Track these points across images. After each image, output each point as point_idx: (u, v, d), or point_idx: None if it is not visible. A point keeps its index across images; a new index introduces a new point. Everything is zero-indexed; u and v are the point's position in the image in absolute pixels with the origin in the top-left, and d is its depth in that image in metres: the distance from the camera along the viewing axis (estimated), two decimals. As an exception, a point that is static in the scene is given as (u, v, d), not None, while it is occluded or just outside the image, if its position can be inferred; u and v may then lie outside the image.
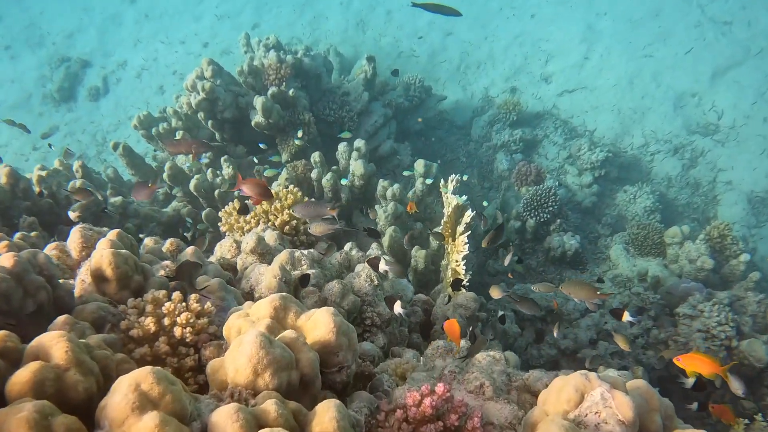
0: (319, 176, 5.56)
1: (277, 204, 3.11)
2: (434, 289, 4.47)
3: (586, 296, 2.97)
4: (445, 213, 3.84)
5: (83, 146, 8.97)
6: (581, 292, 2.98)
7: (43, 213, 3.99)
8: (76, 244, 1.87)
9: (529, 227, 6.62)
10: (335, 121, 6.73)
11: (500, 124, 8.27)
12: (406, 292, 2.88)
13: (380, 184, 5.48)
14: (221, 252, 2.66)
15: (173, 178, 5.50)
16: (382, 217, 5.24)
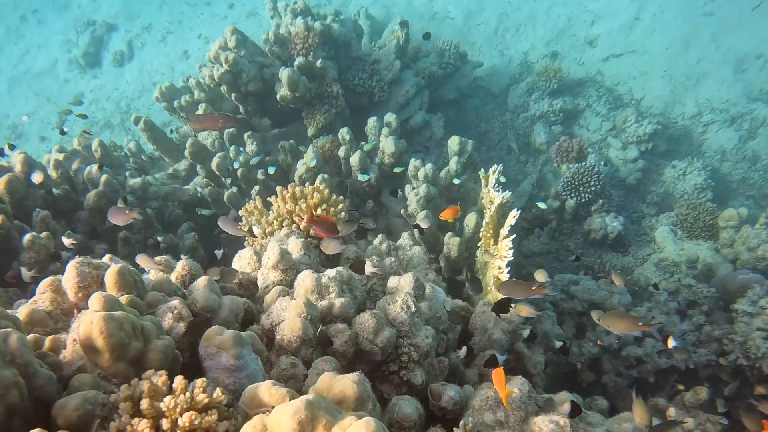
0: (347, 154, 5.26)
1: (302, 204, 2.83)
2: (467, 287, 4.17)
3: (627, 328, 2.67)
4: (486, 211, 3.49)
5: (107, 114, 8.80)
6: (620, 324, 2.66)
7: (59, 200, 3.81)
8: (72, 284, 1.63)
9: (569, 207, 6.23)
10: (365, 92, 6.37)
11: (539, 92, 7.76)
12: (445, 308, 2.60)
13: (412, 163, 5.15)
14: (240, 265, 2.42)
15: (195, 155, 5.26)
16: (413, 200, 4.93)
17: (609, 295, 4.75)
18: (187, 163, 5.81)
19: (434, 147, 7.06)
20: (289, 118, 6.11)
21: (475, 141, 7.72)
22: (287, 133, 6.09)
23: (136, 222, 4.17)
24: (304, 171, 5.06)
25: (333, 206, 2.93)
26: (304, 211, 2.82)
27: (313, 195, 2.89)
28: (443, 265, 4.94)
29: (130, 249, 3.92)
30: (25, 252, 2.83)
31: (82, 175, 3.97)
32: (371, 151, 5.57)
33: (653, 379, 4.57)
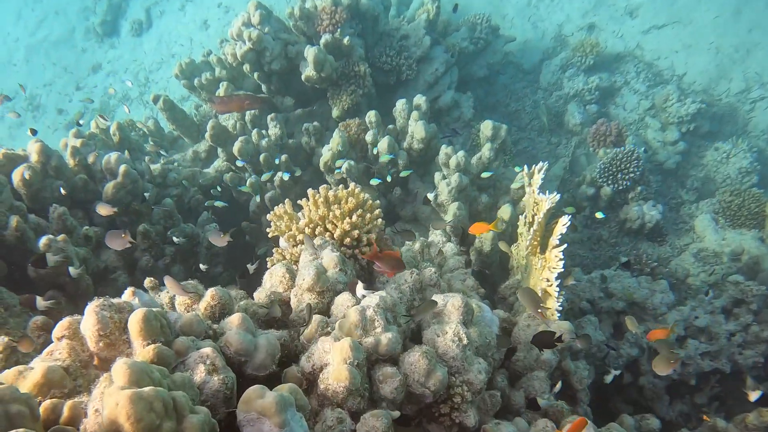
0: (374, 139, 5.00)
1: (335, 209, 2.60)
2: (504, 287, 3.95)
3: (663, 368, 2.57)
4: (527, 212, 3.21)
5: (125, 87, 8.58)
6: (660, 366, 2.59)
7: (77, 191, 3.63)
8: (92, 332, 1.45)
9: (604, 195, 5.94)
10: (392, 70, 6.06)
11: (574, 69, 7.37)
12: (493, 328, 2.39)
13: (443, 150, 4.89)
14: (272, 282, 2.22)
15: (216, 137, 5.04)
16: (444, 190, 4.69)
17: (650, 293, 4.52)
18: (207, 144, 5.60)
19: (463, 128, 6.77)
20: (313, 97, 5.85)
21: (503, 122, 7.42)
22: (311, 113, 5.83)
23: (156, 213, 4.00)
24: (329, 157, 4.83)
25: (369, 211, 2.71)
26: (338, 217, 2.60)
27: (347, 200, 2.67)
28: (473, 258, 4.73)
29: (150, 242, 3.76)
30: (41, 257, 2.67)
31: (101, 163, 3.78)
32: (398, 135, 5.31)
33: (694, 381, 4.37)
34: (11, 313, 2.42)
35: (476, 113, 6.76)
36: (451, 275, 3.25)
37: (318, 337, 1.88)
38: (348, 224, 2.57)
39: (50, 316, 2.65)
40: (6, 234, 2.69)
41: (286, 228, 2.68)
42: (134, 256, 3.72)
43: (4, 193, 2.82)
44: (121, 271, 3.58)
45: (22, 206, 2.97)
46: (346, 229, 2.58)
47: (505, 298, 3.98)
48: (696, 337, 4.42)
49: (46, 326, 2.15)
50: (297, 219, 2.72)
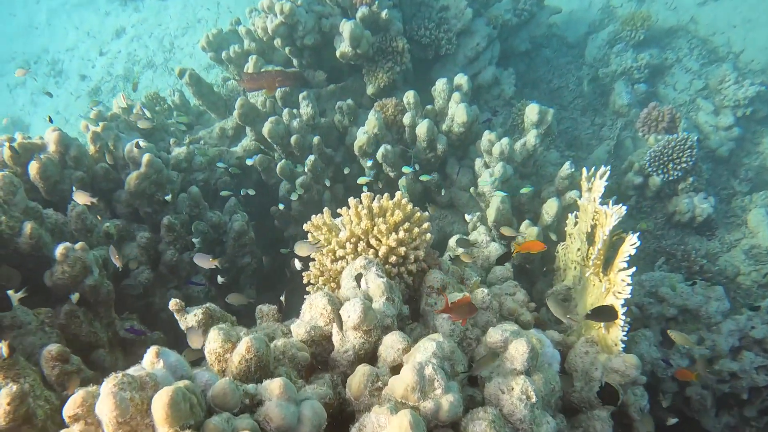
0: (412, 122, 4.69)
1: (380, 224, 2.34)
2: (551, 292, 3.68)
3: None
4: (589, 227, 2.89)
5: (150, 52, 8.28)
6: None
7: (98, 179, 3.41)
8: (110, 418, 1.22)
9: (653, 185, 5.57)
10: (430, 44, 5.68)
11: (623, 44, 6.88)
12: (554, 366, 2.14)
13: (485, 136, 4.56)
14: (311, 315, 1.98)
15: (245, 116, 4.76)
16: (486, 181, 4.38)
17: (704, 300, 4.21)
18: (234, 121, 5.33)
19: (503, 107, 6.39)
20: (346, 71, 5.51)
21: (545, 99, 7.01)
22: (344, 89, 5.50)
23: (181, 203, 3.78)
24: (365, 141, 4.53)
25: (416, 225, 2.44)
26: (383, 233, 2.33)
27: (393, 212, 2.40)
28: (514, 255, 4.46)
29: (175, 235, 3.54)
30: (58, 265, 2.47)
31: (123, 149, 3.55)
32: (437, 116, 4.98)
33: (747, 395, 4.11)
34: (26, 331, 2.24)
35: (517, 90, 6.37)
36: (500, 288, 2.99)
37: (367, 392, 1.65)
38: (394, 241, 2.31)
39: (68, 330, 2.47)
40: (20, 242, 2.49)
41: (325, 241, 2.42)
42: (158, 249, 3.52)
43: (18, 195, 2.61)
44: (144, 267, 3.39)
45: (38, 208, 2.76)
46: (391, 246, 2.32)
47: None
48: (751, 348, 4.13)
49: (62, 356, 1.95)
50: (337, 230, 2.46)
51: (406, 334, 1.87)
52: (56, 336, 2.35)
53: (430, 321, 2.30)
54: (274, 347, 1.82)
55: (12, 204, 2.57)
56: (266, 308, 2.47)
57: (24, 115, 9.62)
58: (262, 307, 2.49)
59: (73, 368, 1.98)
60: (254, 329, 2.32)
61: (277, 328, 2.37)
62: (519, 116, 6.15)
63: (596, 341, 2.61)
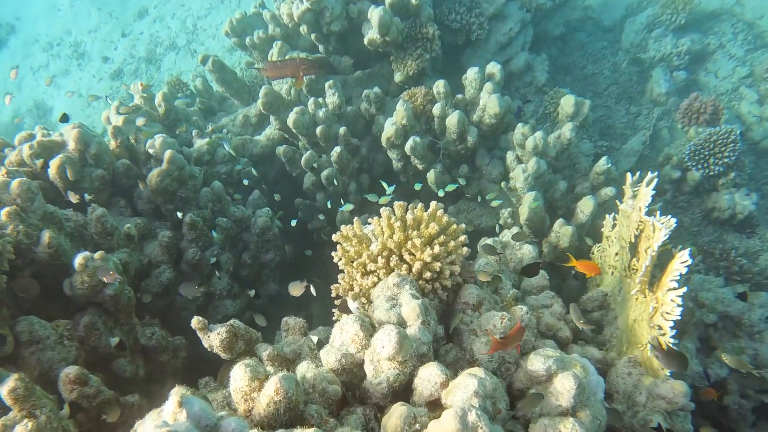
0: (442, 113, 4.50)
1: (415, 238, 2.19)
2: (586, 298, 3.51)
3: None
4: (632, 237, 2.69)
5: (172, 34, 8.14)
6: None
7: (119, 176, 3.31)
8: None
9: (691, 180, 5.32)
10: (461, 29, 5.44)
11: (662, 28, 6.54)
12: (599, 394, 2.00)
13: (519, 129, 4.37)
14: (342, 340, 1.85)
15: (269, 105, 4.62)
16: (519, 176, 4.20)
17: (748, 307, 4.00)
18: (258, 109, 5.19)
19: (534, 94, 6.15)
20: (373, 56, 5.32)
21: (578, 86, 6.73)
22: (371, 75, 5.31)
23: (203, 197, 3.67)
24: (393, 133, 4.37)
25: (452, 238, 2.29)
26: (417, 247, 2.19)
27: (428, 224, 2.25)
28: (545, 250, 4.30)
29: (197, 232, 3.44)
30: (77, 275, 2.38)
31: (144, 142, 3.44)
32: (467, 105, 4.78)
33: (788, 407, 3.93)
34: (44, 346, 2.16)
35: (549, 77, 6.12)
36: (536, 299, 2.84)
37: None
38: (429, 256, 2.17)
39: (88, 342, 2.39)
40: (38, 251, 2.40)
41: (355, 254, 2.29)
42: (180, 247, 3.43)
43: (36, 202, 2.52)
44: (165, 266, 3.30)
45: (57, 213, 2.67)
46: (426, 261, 2.18)
47: (587, 312, 3.54)
48: (796, 358, 3.92)
49: (80, 379, 1.86)
50: (368, 242, 2.33)
51: (443, 366, 1.74)
52: (75, 349, 2.28)
53: (466, 342, 2.17)
54: (303, 380, 1.70)
55: (30, 211, 2.48)
56: (292, 321, 2.36)
57: (47, 98, 9.61)
58: (288, 320, 2.38)
59: (92, 390, 1.90)
60: (279, 345, 2.21)
61: (304, 344, 2.26)
62: (551, 104, 5.91)
63: (640, 362, 2.46)
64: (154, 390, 2.69)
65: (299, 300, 5.78)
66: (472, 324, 2.24)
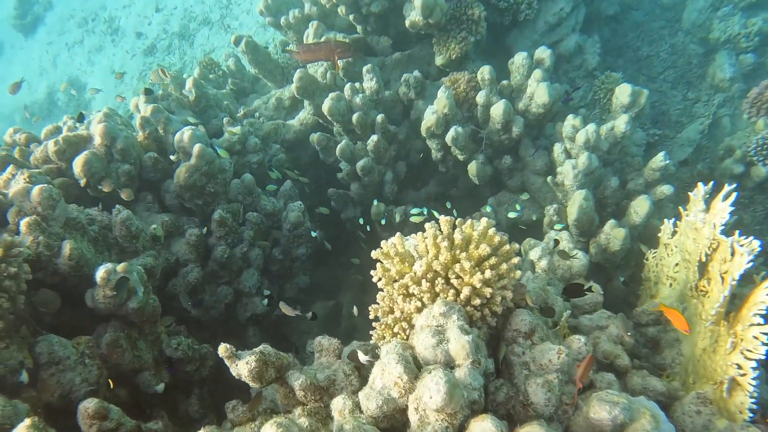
0: (487, 101, 4.22)
1: (464, 261, 1.97)
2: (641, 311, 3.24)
3: None
4: (703, 256, 2.40)
5: (206, 8, 7.93)
6: None
7: (146, 170, 3.16)
8: None
9: (756, 176, 4.93)
10: (508, 8, 5.08)
11: (730, 6, 6.02)
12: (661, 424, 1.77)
13: (569, 121, 4.07)
14: (383, 383, 1.64)
15: (304, 90, 4.39)
16: (569, 172, 3.90)
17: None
18: (292, 92, 4.97)
19: (583, 78, 5.77)
20: (413, 38, 5.02)
21: (630, 69, 6.30)
22: (411, 57, 5.02)
23: (233, 189, 3.50)
24: (434, 122, 4.11)
25: (504, 259, 2.05)
26: (466, 271, 1.96)
27: (478, 244, 2.02)
28: (593, 251, 4.02)
29: (227, 229, 3.28)
30: (99, 289, 2.23)
31: (173, 133, 3.27)
32: (513, 92, 4.48)
33: None
34: (65, 367, 2.03)
35: (599, 60, 5.72)
36: (590, 319, 2.59)
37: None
38: (479, 281, 1.94)
39: (110, 360, 2.25)
40: (59, 263, 2.27)
41: (397, 274, 2.07)
42: (208, 244, 3.27)
43: (57, 209, 2.37)
44: (193, 264, 3.15)
45: (80, 219, 2.53)
46: (476, 287, 1.95)
47: (641, 326, 3.27)
48: None
49: (100, 413, 1.72)
50: (411, 260, 2.11)
51: (497, 420, 1.53)
52: (97, 368, 2.16)
53: (517, 377, 1.96)
54: (341, 431, 1.52)
55: (51, 219, 2.35)
56: (326, 342, 2.18)
57: (81, 74, 9.58)
58: (322, 341, 2.20)
59: (112, 425, 1.77)
60: (312, 371, 2.03)
61: (339, 368, 2.09)
62: (601, 90, 5.53)
63: (711, 399, 2.20)
64: (179, 400, 2.57)
65: (328, 288, 5.66)
66: (524, 356, 2.02)
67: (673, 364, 2.64)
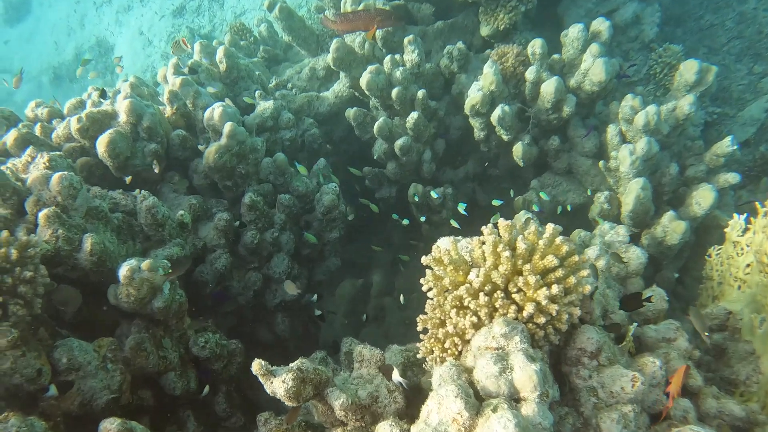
0: (537, 78, 3.89)
1: (528, 275, 1.73)
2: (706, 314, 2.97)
3: None
4: None
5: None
6: None
7: (174, 148, 2.96)
8: None
9: (828, 161, 4.53)
10: (560, -27, 4.69)
11: (808, -31, 5.50)
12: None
13: (628, 101, 3.74)
14: (439, 418, 1.42)
15: (340, 61, 4.12)
16: (626, 159, 3.59)
17: None
18: (326, 61, 4.69)
19: (638, 51, 5.35)
20: (456, 5, 4.67)
21: (690, 40, 5.84)
22: (454, 26, 4.69)
23: (265, 168, 3.28)
24: (479, 100, 3.82)
25: (573, 270, 1.81)
26: (530, 285, 1.73)
27: (543, 255, 1.77)
28: (645, 242, 3.74)
29: (257, 213, 3.08)
30: (122, 287, 2.06)
31: (202, 107, 3.05)
32: (564, 67, 4.14)
33: None
34: (85, 373, 1.87)
35: (660, 32, 5.27)
36: (656, 330, 2.34)
37: None
38: (545, 297, 1.70)
39: (134, 364, 2.10)
40: (80, 257, 2.09)
41: (450, 284, 1.85)
42: (237, 230, 3.09)
43: (79, 198, 2.18)
44: (221, 251, 2.97)
45: (102, 208, 2.35)
46: (540, 303, 1.72)
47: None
48: None
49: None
50: (465, 267, 1.88)
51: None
52: (120, 374, 2.01)
53: (585, 405, 1.75)
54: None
55: (72, 209, 2.17)
56: (368, 353, 2.00)
57: (108, 35, 9.40)
58: (363, 351, 2.01)
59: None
60: (353, 388, 1.84)
61: (381, 384, 1.91)
62: (658, 64, 5.12)
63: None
64: (206, 400, 2.44)
65: (359, 266, 5.48)
66: (591, 380, 1.80)
67: (749, 382, 2.39)
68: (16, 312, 1.79)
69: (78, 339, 1.99)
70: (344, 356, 2.51)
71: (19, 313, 1.81)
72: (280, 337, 3.44)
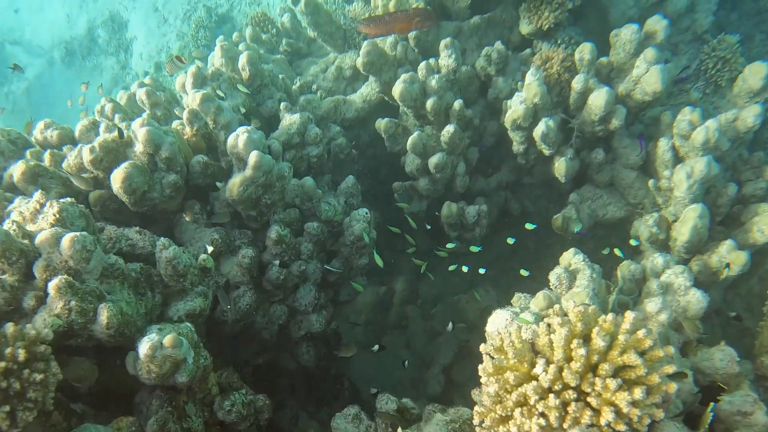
0: (584, 87, 3.57)
1: (604, 374, 1.49)
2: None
3: None
4: None
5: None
6: None
7: (194, 176, 2.72)
8: None
9: None
10: (610, -37, 4.30)
11: None
12: None
13: (686, 114, 3.42)
14: None
15: (371, 65, 3.82)
16: (682, 183, 3.29)
17: None
18: (353, 59, 4.39)
19: (689, 43, 4.95)
20: (494, 0, 4.32)
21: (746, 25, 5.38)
22: (491, 21, 4.33)
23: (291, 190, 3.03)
24: (522, 114, 3.52)
25: (656, 365, 1.56)
26: (609, 389, 1.49)
27: (624, 350, 1.53)
28: (696, 269, 3.46)
29: (284, 246, 2.85)
30: (143, 363, 1.88)
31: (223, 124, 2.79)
32: (612, 72, 3.81)
33: None
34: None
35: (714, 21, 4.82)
36: (729, 403, 2.10)
37: None
38: (625, 403, 1.47)
39: None
40: (95, 330, 1.89)
41: (515, 378, 1.61)
42: (262, 260, 2.86)
43: (93, 260, 1.95)
44: (245, 287, 2.76)
45: (119, 264, 2.15)
46: (621, 408, 1.48)
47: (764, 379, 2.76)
48: None
49: None
50: (530, 357, 1.64)
51: None
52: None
53: None
54: None
55: (86, 273, 1.95)
56: None
57: (122, 10, 9.10)
58: None
59: None
60: None
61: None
62: (711, 59, 4.70)
63: None
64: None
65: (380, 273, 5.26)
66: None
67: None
68: (25, 419, 1.61)
69: (94, 422, 1.81)
70: (379, 417, 2.31)
71: (30, 420, 1.62)
72: (304, 367, 3.26)
